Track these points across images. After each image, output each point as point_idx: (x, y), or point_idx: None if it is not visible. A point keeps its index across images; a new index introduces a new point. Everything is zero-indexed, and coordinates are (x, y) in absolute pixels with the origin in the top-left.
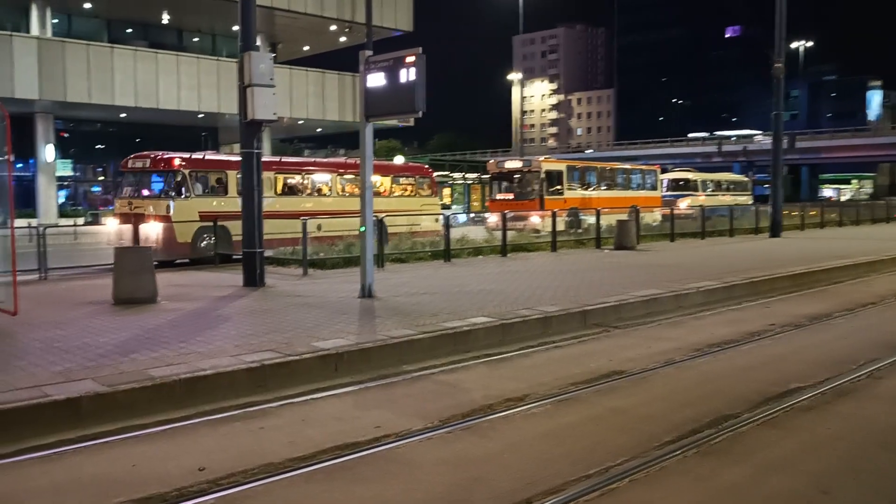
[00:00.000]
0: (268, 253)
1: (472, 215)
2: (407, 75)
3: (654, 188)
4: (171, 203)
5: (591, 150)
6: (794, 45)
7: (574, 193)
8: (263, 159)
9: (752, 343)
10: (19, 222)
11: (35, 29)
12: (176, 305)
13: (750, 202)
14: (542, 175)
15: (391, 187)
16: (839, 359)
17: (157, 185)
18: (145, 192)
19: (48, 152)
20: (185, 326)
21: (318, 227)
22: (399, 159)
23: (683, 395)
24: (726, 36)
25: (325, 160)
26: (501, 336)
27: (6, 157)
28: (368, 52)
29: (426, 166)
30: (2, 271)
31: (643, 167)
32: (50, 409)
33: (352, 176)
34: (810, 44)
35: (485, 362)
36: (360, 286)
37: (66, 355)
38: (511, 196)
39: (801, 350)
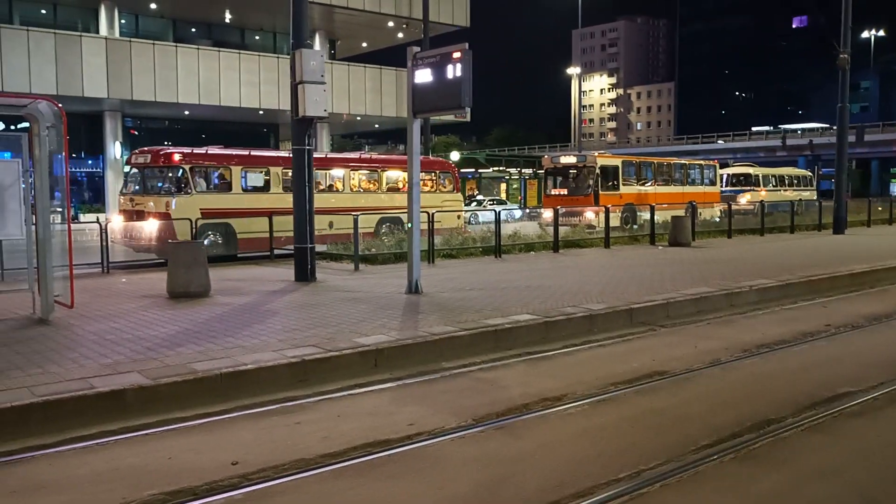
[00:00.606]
0: (320, 248)
1: (527, 210)
2: (453, 71)
3: (712, 183)
4: (172, 199)
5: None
6: (864, 34)
7: (630, 189)
8: (276, 154)
9: (805, 344)
10: (89, 216)
11: (104, 29)
12: (227, 300)
13: (814, 197)
14: (597, 170)
15: None
16: None
17: (159, 181)
18: (147, 188)
19: (116, 149)
20: (233, 320)
21: (330, 225)
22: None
23: (726, 396)
24: (793, 26)
25: (339, 155)
26: (545, 334)
27: (63, 154)
28: (416, 49)
29: (449, 161)
30: (59, 265)
31: (701, 162)
32: (95, 400)
33: (367, 171)
34: (881, 33)
35: (526, 360)
36: (407, 282)
37: (117, 347)
38: (565, 191)
39: (856, 352)
